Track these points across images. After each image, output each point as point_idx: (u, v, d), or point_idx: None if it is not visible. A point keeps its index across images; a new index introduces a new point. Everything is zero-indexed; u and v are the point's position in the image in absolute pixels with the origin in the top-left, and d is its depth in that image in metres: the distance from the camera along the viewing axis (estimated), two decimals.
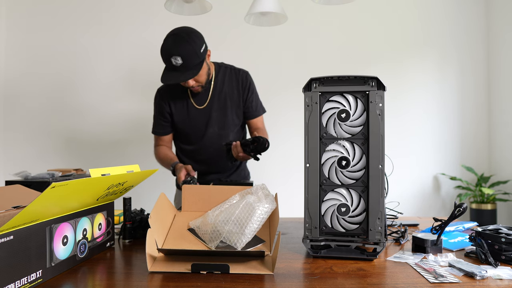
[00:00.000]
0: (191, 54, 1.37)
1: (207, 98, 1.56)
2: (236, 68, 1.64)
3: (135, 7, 2.89)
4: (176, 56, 1.35)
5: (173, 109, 1.57)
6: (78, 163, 2.85)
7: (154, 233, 0.89)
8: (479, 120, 2.98)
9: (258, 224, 0.93)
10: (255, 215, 0.93)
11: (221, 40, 2.87)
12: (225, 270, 0.80)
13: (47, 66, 2.89)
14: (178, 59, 1.35)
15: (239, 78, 1.61)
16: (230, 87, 1.59)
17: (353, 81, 0.93)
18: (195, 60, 1.38)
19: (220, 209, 1.02)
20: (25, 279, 0.70)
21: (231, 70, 1.62)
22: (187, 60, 1.36)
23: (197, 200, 1.13)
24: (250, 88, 1.62)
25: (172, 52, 1.35)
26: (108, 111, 2.88)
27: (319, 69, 2.85)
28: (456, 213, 0.95)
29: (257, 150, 1.36)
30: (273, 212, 0.98)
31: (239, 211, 0.93)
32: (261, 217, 0.94)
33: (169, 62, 1.37)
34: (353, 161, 0.93)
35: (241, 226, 0.91)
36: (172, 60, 1.35)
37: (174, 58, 1.35)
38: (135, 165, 1.02)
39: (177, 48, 1.35)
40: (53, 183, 0.66)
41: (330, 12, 2.88)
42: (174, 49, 1.35)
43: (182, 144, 1.66)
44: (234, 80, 1.60)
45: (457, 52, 2.97)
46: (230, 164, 1.65)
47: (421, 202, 2.95)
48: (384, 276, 0.78)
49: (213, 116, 1.57)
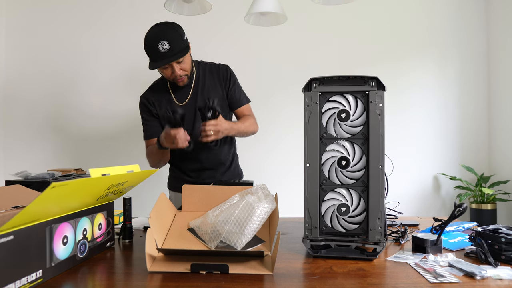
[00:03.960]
0: (177, 39, 1.41)
1: (189, 94, 1.58)
2: (215, 63, 1.66)
3: (135, 7, 2.89)
4: (163, 40, 1.39)
5: (158, 107, 1.58)
6: (78, 163, 2.84)
7: (154, 233, 0.89)
8: (479, 120, 2.98)
9: (257, 224, 0.93)
10: (254, 215, 0.93)
11: (221, 40, 2.87)
12: (224, 270, 0.80)
13: (47, 66, 2.89)
14: (165, 44, 1.39)
15: (219, 72, 1.62)
16: (212, 81, 1.61)
17: (353, 81, 0.93)
18: (181, 45, 1.42)
19: (220, 209, 1.02)
20: (25, 279, 0.70)
21: (211, 65, 1.64)
22: (174, 44, 1.40)
23: (197, 200, 1.13)
24: (231, 79, 1.63)
25: (159, 37, 1.39)
26: (108, 111, 2.88)
27: (319, 69, 2.85)
28: (456, 213, 0.95)
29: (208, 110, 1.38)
30: (273, 212, 0.98)
31: (238, 211, 0.93)
32: (261, 217, 0.94)
33: (155, 50, 1.40)
34: (353, 161, 0.93)
35: (240, 226, 0.91)
36: (159, 46, 1.39)
37: (161, 44, 1.39)
38: (135, 165, 1.02)
39: (163, 34, 1.40)
40: (53, 183, 0.66)
41: (330, 12, 2.88)
42: (161, 35, 1.39)
43: None
44: (215, 74, 1.62)
45: (457, 52, 2.97)
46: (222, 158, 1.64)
47: (421, 202, 2.95)
48: (384, 276, 0.78)
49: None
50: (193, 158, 1.61)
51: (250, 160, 2.63)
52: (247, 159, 2.42)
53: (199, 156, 1.61)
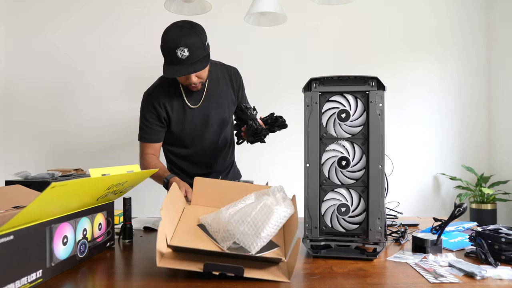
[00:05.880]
0: (198, 46, 1.30)
1: (202, 96, 1.51)
2: (225, 64, 1.61)
3: (135, 7, 2.89)
4: (183, 47, 1.27)
5: (170, 111, 1.48)
6: (78, 163, 2.84)
7: (166, 227, 0.84)
8: (479, 120, 2.98)
9: (275, 228, 0.88)
10: (273, 218, 0.88)
11: (221, 40, 2.86)
12: (239, 273, 0.75)
13: (47, 66, 2.89)
14: (184, 51, 1.27)
15: (231, 75, 1.58)
16: (225, 84, 1.57)
17: (353, 81, 0.93)
18: (201, 53, 1.31)
19: (234, 208, 0.97)
20: (25, 279, 0.70)
21: (222, 67, 1.58)
22: (194, 52, 1.29)
23: (208, 194, 1.09)
24: (242, 84, 1.62)
25: (178, 43, 1.27)
26: (108, 111, 2.88)
27: (319, 69, 2.85)
28: (456, 213, 0.95)
29: (275, 124, 1.44)
30: (292, 217, 0.93)
31: (256, 213, 0.88)
32: (279, 221, 0.88)
33: (173, 55, 1.29)
34: (353, 161, 0.93)
35: (257, 228, 0.86)
36: (178, 52, 1.28)
37: (180, 50, 1.27)
38: (135, 165, 1.02)
39: (184, 39, 1.27)
40: (53, 183, 0.65)
41: (330, 12, 2.88)
42: (181, 40, 1.27)
43: (176, 148, 1.59)
44: (228, 77, 1.58)
45: (457, 52, 2.97)
46: (228, 160, 1.65)
47: (421, 202, 2.95)
48: (384, 276, 0.78)
49: (212, 115, 1.53)
50: (205, 163, 1.61)
51: (250, 160, 2.63)
52: (247, 159, 2.42)
53: (211, 161, 1.61)
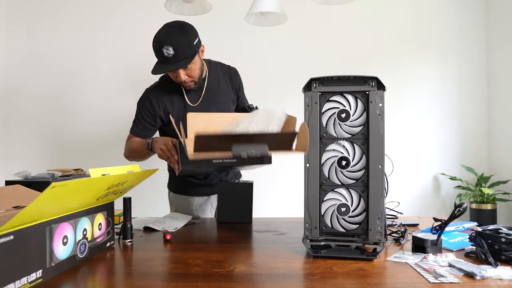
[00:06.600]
0: (184, 45, 1.34)
1: (201, 95, 1.53)
2: (225, 64, 1.63)
3: (135, 7, 2.89)
4: (167, 46, 1.32)
5: (170, 108, 1.51)
6: (78, 163, 2.84)
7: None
8: (479, 120, 2.97)
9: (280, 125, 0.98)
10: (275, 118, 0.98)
11: (221, 40, 2.86)
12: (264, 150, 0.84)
13: (47, 66, 2.89)
14: (170, 49, 1.32)
15: (231, 75, 1.60)
16: (225, 84, 1.59)
17: (353, 81, 0.93)
18: (187, 52, 1.35)
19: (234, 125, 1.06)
20: (25, 279, 0.70)
21: (221, 66, 1.61)
22: (179, 50, 1.33)
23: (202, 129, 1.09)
24: (241, 84, 1.64)
25: (164, 42, 1.33)
26: (108, 111, 2.88)
27: (319, 69, 2.85)
28: (456, 213, 0.95)
29: None
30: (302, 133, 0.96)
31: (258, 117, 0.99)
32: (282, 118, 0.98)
33: (160, 54, 1.35)
34: (353, 161, 0.93)
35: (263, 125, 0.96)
36: (163, 50, 1.33)
37: (165, 49, 1.33)
38: (135, 165, 1.02)
39: (169, 38, 1.33)
40: (53, 183, 0.66)
41: (330, 12, 2.88)
42: (166, 39, 1.33)
43: None
44: (227, 77, 1.60)
45: (457, 52, 2.97)
46: None
47: (421, 202, 2.95)
48: (384, 276, 0.78)
49: None
50: None
51: None
52: None
53: None
